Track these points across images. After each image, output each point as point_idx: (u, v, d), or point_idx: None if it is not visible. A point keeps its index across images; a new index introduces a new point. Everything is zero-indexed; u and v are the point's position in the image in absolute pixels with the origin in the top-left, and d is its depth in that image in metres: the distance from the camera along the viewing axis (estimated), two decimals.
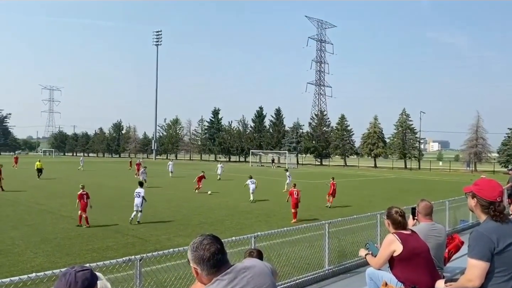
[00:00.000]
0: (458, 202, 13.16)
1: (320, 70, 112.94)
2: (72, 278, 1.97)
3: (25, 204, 18.34)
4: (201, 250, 2.22)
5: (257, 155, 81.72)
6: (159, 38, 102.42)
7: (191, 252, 2.26)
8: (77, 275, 1.99)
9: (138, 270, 4.96)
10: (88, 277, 2.01)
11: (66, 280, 1.97)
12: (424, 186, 34.29)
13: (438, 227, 5.14)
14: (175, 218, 15.40)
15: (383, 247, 4.32)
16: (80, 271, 2.01)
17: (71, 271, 2.01)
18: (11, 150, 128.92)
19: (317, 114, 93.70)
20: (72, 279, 1.97)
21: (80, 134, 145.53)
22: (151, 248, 10.11)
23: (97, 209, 16.99)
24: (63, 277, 1.99)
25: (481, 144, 68.48)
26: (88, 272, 2.03)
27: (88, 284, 1.99)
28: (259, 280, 2.30)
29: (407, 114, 76.90)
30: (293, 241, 9.24)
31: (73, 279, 1.97)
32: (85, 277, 2.00)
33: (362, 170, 65.34)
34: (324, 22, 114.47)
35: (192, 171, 47.85)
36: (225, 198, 21.92)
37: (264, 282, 2.32)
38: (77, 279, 1.97)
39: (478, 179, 3.24)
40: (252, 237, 6.49)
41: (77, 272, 2.00)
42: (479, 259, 2.86)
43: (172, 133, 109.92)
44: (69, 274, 1.99)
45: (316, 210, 18.01)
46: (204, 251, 2.21)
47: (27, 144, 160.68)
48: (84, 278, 1.99)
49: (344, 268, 8.29)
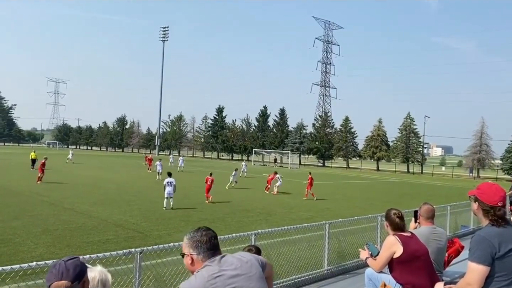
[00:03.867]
0: (460, 207, 13.13)
1: (325, 71, 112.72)
2: (63, 267, 2.00)
3: (27, 195, 18.42)
4: (199, 236, 2.41)
5: (259, 154, 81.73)
6: (166, 34, 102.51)
7: (189, 239, 2.43)
8: (67, 263, 2.02)
9: (138, 263, 4.97)
10: (78, 264, 2.05)
11: (57, 270, 1.99)
12: (426, 191, 34.21)
13: (439, 231, 5.13)
14: (176, 214, 15.43)
15: (384, 248, 4.32)
16: (69, 259, 2.05)
17: (60, 261, 2.05)
18: (15, 141, 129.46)
19: (321, 115, 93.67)
20: (63, 267, 2.00)
21: (84, 128, 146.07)
22: (151, 242, 10.13)
23: (99, 203, 17.09)
24: (54, 268, 2.01)
25: (485, 150, 68.33)
26: (77, 260, 2.07)
27: (79, 270, 2.03)
28: (246, 269, 2.40)
29: (412, 118, 76.88)
30: (293, 240, 9.24)
31: (64, 267, 2.00)
32: (76, 264, 2.03)
33: (365, 173, 65.25)
34: (332, 23, 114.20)
35: (196, 167, 47.93)
36: (225, 196, 21.94)
37: (251, 271, 2.41)
38: (68, 267, 2.00)
39: (481, 183, 3.23)
40: (252, 235, 6.49)
41: (66, 261, 2.03)
42: (479, 263, 2.85)
43: (175, 129, 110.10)
44: (59, 265, 2.02)
45: (316, 211, 18.00)
46: (202, 236, 2.40)
47: (31, 136, 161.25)
48: (75, 265, 2.02)
49: (343, 269, 8.29)
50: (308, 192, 22.58)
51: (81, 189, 21.53)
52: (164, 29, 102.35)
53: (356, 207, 20.16)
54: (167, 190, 16.54)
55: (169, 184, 16.67)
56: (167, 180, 17.00)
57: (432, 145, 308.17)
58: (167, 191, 16.53)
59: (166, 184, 16.74)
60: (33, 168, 33.18)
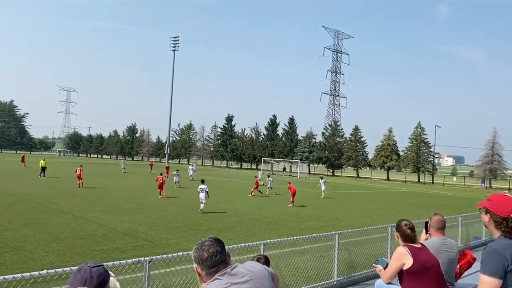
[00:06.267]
0: (472, 218, 12.95)
1: (335, 80, 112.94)
2: (88, 274, 2.00)
3: (37, 202, 18.58)
4: (201, 251, 2.34)
5: (269, 163, 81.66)
6: (176, 43, 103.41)
7: (193, 252, 2.40)
8: (92, 270, 2.02)
9: (147, 272, 4.98)
10: (103, 272, 2.05)
11: (81, 275, 2.00)
12: (437, 201, 33.84)
13: (450, 242, 5.06)
14: (185, 222, 15.44)
15: (393, 259, 4.28)
16: (95, 266, 2.05)
17: (85, 267, 2.04)
18: (27, 149, 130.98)
19: (331, 124, 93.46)
20: (88, 274, 2.00)
21: (94, 136, 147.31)
22: (160, 251, 10.14)
23: (108, 211, 17.18)
24: (78, 273, 2.01)
25: (497, 160, 67.43)
26: (102, 268, 2.07)
27: (103, 279, 2.03)
28: (258, 282, 2.36)
29: (422, 128, 76.25)
30: (302, 250, 9.18)
31: (88, 274, 2.00)
32: (100, 272, 2.03)
33: (375, 182, 64.80)
34: (341, 32, 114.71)
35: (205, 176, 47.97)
36: (234, 204, 21.92)
37: (263, 284, 2.37)
38: (92, 274, 2.00)
39: (491, 195, 3.19)
40: (261, 244, 6.48)
41: (92, 268, 2.03)
42: (491, 276, 2.81)
43: (185, 138, 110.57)
44: (84, 270, 2.02)
45: (326, 221, 17.89)
46: (203, 251, 2.33)
47: (42, 144, 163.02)
48: (99, 273, 2.02)
49: (353, 280, 8.21)
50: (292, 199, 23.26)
51: (91, 197, 21.66)
52: (175, 39, 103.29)
53: (366, 217, 19.99)
54: (200, 196, 18.17)
55: (201, 190, 18.24)
56: (200, 186, 18.61)
57: (443, 155, 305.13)
58: (200, 197, 18.18)
59: (200, 190, 18.37)
60: (44, 176, 33.69)
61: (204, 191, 18.19)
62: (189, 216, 16.90)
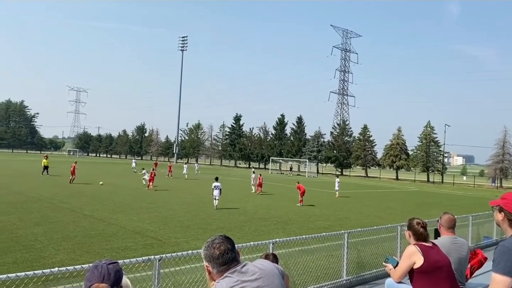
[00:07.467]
0: (482, 218, 12.84)
1: (343, 79, 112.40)
2: (105, 270, 2.03)
3: (48, 202, 18.75)
4: (212, 249, 2.33)
5: (277, 162, 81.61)
6: (185, 43, 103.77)
7: (203, 250, 2.38)
8: (109, 267, 2.05)
9: (157, 270, 5.00)
10: (119, 269, 2.09)
11: (99, 272, 2.02)
12: (446, 201, 33.58)
13: (460, 241, 5.01)
14: (194, 221, 15.48)
15: (404, 258, 4.25)
16: (111, 263, 2.08)
17: (102, 263, 2.07)
18: (38, 149, 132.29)
19: (339, 124, 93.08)
20: (105, 270, 2.03)
21: (104, 136, 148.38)
22: (169, 250, 10.19)
23: (118, 210, 17.29)
24: (95, 269, 2.04)
25: (508, 159, 66.73)
26: (118, 265, 2.11)
27: (119, 276, 2.06)
28: (268, 280, 2.36)
29: (432, 127, 75.65)
30: (311, 249, 9.17)
31: (106, 270, 2.03)
32: (116, 269, 2.07)
33: (384, 182, 64.48)
34: (350, 31, 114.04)
35: (208, 175, 48.00)
36: (242, 204, 21.94)
37: (273, 281, 2.37)
38: (110, 271, 2.04)
39: (506, 193, 3.16)
40: (270, 243, 6.47)
41: (108, 264, 2.07)
42: (504, 275, 2.78)
43: (193, 137, 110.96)
44: (101, 266, 2.05)
45: (335, 220, 17.84)
46: (215, 249, 2.32)
47: (52, 144, 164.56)
48: (115, 270, 2.06)
49: (363, 279, 8.17)
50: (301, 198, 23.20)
51: (101, 196, 21.82)
52: (183, 39, 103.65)
53: (376, 216, 19.90)
54: (214, 193, 18.83)
55: (216, 188, 18.88)
56: (214, 184, 19.20)
57: (452, 154, 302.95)
58: (214, 194, 18.83)
59: (214, 188, 18.95)
60: (47, 174, 34.58)
61: (218, 189, 18.80)
62: (198, 215, 16.95)
